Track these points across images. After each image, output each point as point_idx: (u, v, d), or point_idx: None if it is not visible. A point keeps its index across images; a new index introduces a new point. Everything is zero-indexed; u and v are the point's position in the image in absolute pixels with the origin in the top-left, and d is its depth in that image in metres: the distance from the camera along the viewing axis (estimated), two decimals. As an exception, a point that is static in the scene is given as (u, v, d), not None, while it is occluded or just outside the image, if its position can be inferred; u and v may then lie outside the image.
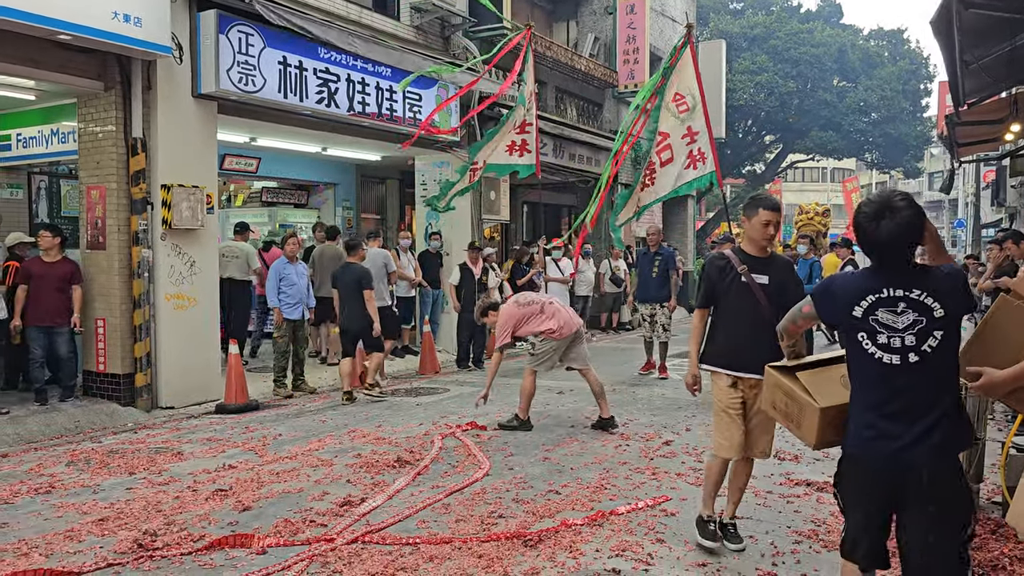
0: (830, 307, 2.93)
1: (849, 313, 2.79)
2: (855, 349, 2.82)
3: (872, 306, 2.75)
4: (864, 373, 2.81)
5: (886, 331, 2.73)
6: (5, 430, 6.99)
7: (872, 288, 2.77)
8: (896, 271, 2.76)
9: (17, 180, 9.94)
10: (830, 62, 28.95)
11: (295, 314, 9.11)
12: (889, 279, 2.75)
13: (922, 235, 2.76)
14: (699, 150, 7.72)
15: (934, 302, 2.70)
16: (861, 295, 2.78)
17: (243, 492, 5.38)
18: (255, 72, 8.85)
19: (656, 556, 4.29)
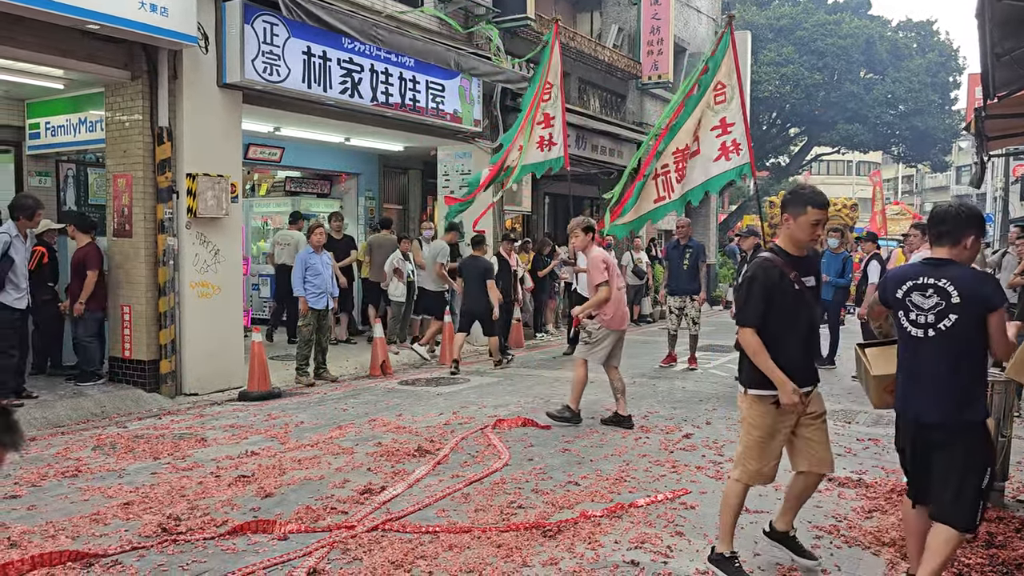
0: (884, 292, 3.65)
1: (894, 295, 3.53)
2: (897, 324, 3.55)
3: (909, 290, 3.48)
4: (902, 344, 3.56)
5: (915, 310, 3.45)
6: (33, 414, 7.11)
7: (911, 275, 3.50)
8: (933, 264, 3.47)
9: (46, 168, 10.05)
10: (857, 54, 28.61)
11: (320, 303, 9.18)
12: (924, 269, 3.47)
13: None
14: (733, 141, 7.69)
15: (954, 289, 3.34)
16: (903, 281, 3.52)
17: (265, 479, 5.44)
18: (279, 62, 8.89)
19: (675, 549, 4.28)
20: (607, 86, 17.89)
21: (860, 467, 5.96)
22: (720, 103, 7.76)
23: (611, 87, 18.06)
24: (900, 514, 4.77)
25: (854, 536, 4.51)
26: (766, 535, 4.22)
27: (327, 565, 3.98)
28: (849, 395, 8.94)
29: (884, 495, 5.20)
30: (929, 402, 3.42)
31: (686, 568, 4.03)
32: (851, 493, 5.32)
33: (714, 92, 7.80)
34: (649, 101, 19.50)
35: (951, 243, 3.48)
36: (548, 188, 17.74)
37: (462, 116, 11.84)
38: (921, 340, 3.44)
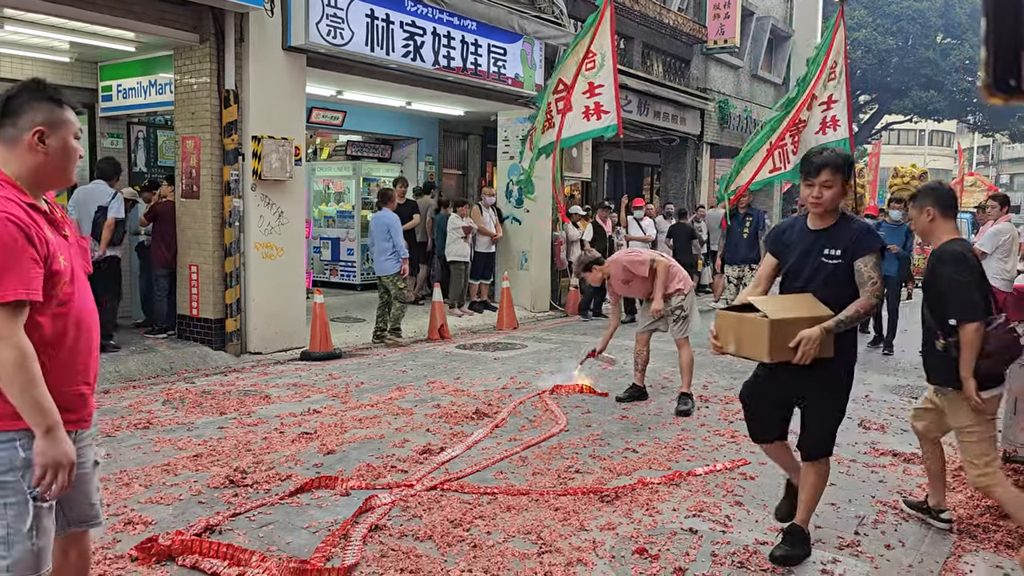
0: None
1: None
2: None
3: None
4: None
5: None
6: (106, 368, 7.37)
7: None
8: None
9: (117, 130, 10.32)
10: (935, 17, 27.47)
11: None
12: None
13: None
14: (833, 117, 8.37)
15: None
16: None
17: (327, 436, 5.56)
18: (343, 25, 8.92)
19: (734, 519, 4.25)
20: (671, 50, 17.52)
21: (927, 443, 5.81)
22: (831, 80, 8.35)
23: (675, 52, 17.68)
24: (969, 492, 4.66)
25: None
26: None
27: (388, 521, 4.06)
28: (915, 370, 8.70)
29: (951, 472, 5.06)
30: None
31: (745, 538, 4.00)
32: (917, 469, 5.19)
33: (830, 70, 8.43)
34: (714, 66, 19.05)
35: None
36: (608, 155, 17.54)
37: (523, 80, 11.74)
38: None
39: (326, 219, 14.24)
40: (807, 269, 3.59)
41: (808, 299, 3.54)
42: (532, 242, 12.61)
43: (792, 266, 3.67)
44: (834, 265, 3.52)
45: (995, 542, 4.02)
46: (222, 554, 3.53)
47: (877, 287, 3.44)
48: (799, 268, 3.63)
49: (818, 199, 3.53)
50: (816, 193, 3.52)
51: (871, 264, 3.45)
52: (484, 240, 11.89)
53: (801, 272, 3.62)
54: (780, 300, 3.58)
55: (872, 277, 3.44)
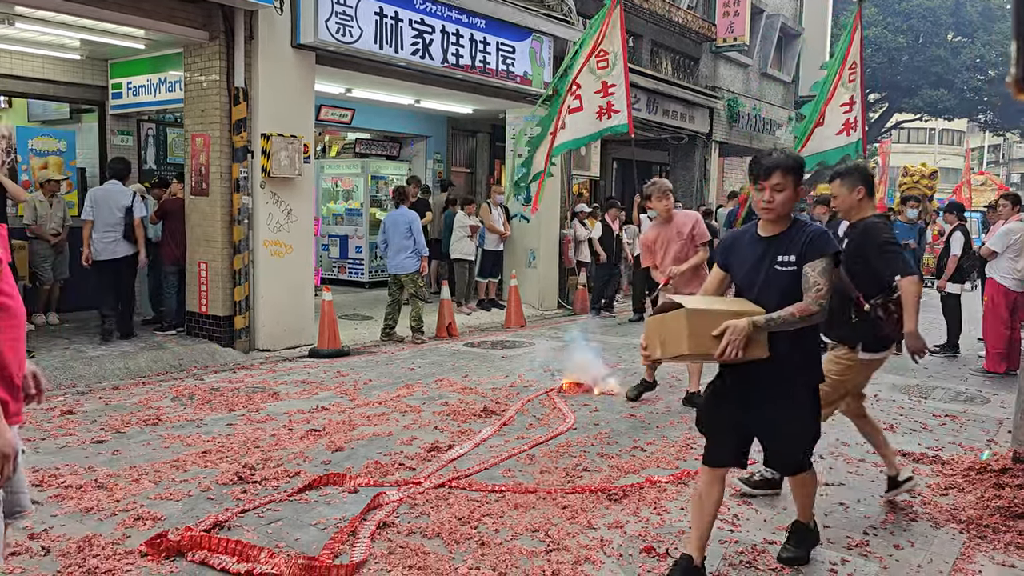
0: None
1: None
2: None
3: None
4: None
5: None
6: (116, 364, 7.40)
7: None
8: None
9: (127, 127, 10.37)
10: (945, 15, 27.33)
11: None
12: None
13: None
14: (854, 119, 8.38)
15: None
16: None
17: (335, 433, 5.57)
18: (352, 23, 8.92)
19: (742, 518, 4.24)
20: (680, 49, 17.48)
21: (936, 443, 5.80)
22: (852, 81, 8.37)
23: (684, 50, 17.64)
24: (978, 492, 4.64)
25: (929, 513, 4.40)
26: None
27: (396, 519, 4.07)
28: (925, 370, 8.68)
29: (961, 472, 5.04)
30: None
31: (754, 537, 3.99)
32: (926, 469, 5.17)
33: (849, 71, 8.47)
34: (723, 65, 18.99)
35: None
36: (616, 153, 17.51)
37: (532, 78, 11.72)
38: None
39: (334, 217, 14.27)
40: (760, 279, 3.32)
41: (739, 300, 3.34)
42: (540, 240, 12.61)
43: (744, 278, 3.40)
44: (789, 273, 3.26)
45: (1005, 542, 4.00)
46: (231, 550, 3.55)
47: (821, 293, 3.18)
48: (751, 279, 3.36)
49: (769, 203, 3.28)
50: (767, 197, 3.27)
51: (819, 269, 3.20)
52: (492, 238, 11.89)
53: (754, 283, 3.35)
54: (706, 297, 3.44)
55: (818, 283, 3.19)
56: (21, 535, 3.74)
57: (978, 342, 9.86)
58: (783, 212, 3.29)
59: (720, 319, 3.12)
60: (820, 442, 5.58)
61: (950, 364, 9.17)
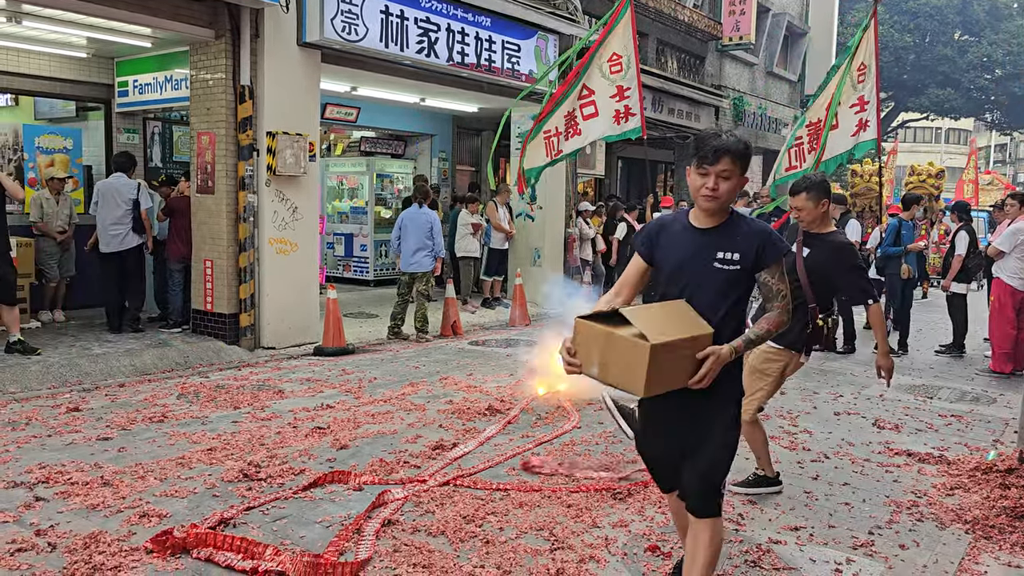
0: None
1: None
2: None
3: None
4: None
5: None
6: (122, 362, 7.42)
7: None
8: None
9: (133, 125, 10.38)
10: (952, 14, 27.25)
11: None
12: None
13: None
14: (866, 120, 8.26)
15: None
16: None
17: (340, 431, 5.58)
18: (358, 21, 8.93)
19: (747, 517, 4.24)
20: (686, 47, 17.46)
21: (942, 443, 5.78)
22: (861, 82, 8.33)
23: (690, 48, 17.62)
24: (984, 493, 4.63)
25: (934, 513, 4.39)
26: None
27: (401, 517, 4.07)
28: (931, 370, 8.67)
29: (967, 473, 5.03)
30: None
31: (758, 536, 3.98)
32: (932, 469, 5.16)
33: (857, 71, 8.35)
34: (729, 63, 18.96)
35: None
36: (621, 152, 17.49)
37: (537, 77, 11.71)
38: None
39: (339, 215, 14.28)
40: (691, 276, 2.89)
41: (680, 308, 2.85)
42: (545, 239, 12.61)
43: (671, 272, 2.95)
44: (730, 272, 2.86)
45: (1011, 543, 3.99)
46: (236, 547, 3.55)
47: (787, 301, 2.90)
48: (678, 274, 2.92)
49: (713, 191, 2.83)
50: (711, 184, 2.82)
51: (778, 275, 2.90)
52: (498, 236, 11.90)
53: (683, 280, 2.91)
54: (651, 313, 2.80)
55: (782, 290, 2.89)
56: (27, 531, 3.76)
57: (984, 342, 9.84)
58: (727, 202, 2.89)
59: (680, 353, 2.68)
60: (824, 442, 5.64)
61: (956, 364, 9.14)
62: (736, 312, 2.89)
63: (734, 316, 2.89)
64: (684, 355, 2.69)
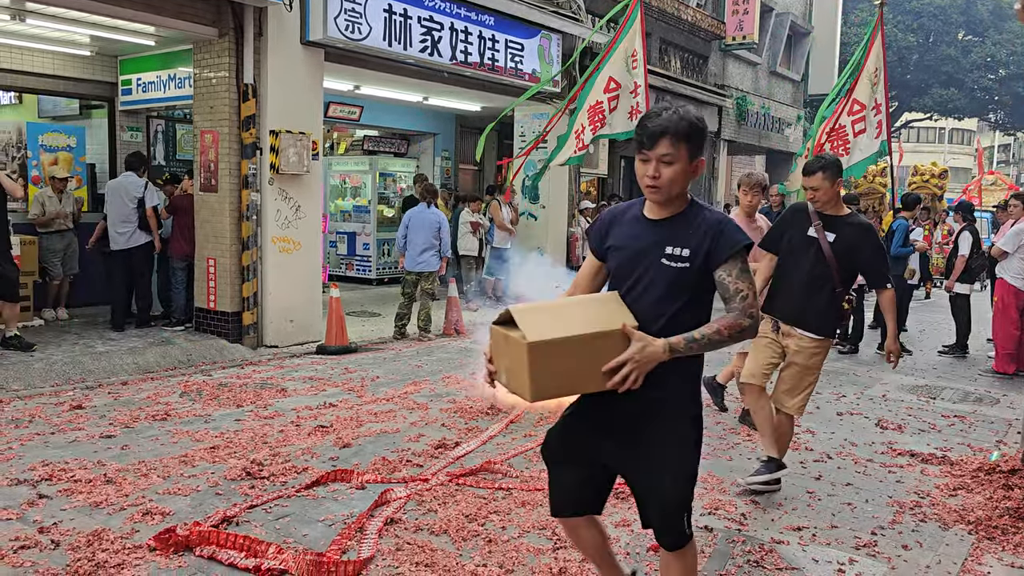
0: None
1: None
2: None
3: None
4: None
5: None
6: (125, 360, 7.43)
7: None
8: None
9: (137, 123, 10.40)
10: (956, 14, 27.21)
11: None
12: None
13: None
14: (880, 122, 8.34)
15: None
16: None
17: (343, 429, 5.58)
18: (361, 20, 8.93)
19: (750, 517, 4.24)
20: (689, 47, 17.44)
21: (945, 444, 5.78)
22: (875, 84, 8.38)
23: (693, 48, 17.60)
24: (987, 493, 4.62)
25: (937, 514, 4.38)
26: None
27: (403, 515, 4.07)
28: (934, 370, 8.66)
29: (970, 473, 5.03)
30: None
31: (760, 536, 3.98)
32: (935, 470, 5.16)
33: (873, 74, 8.41)
34: (732, 63, 18.95)
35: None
36: (624, 151, 17.48)
37: (540, 76, 11.72)
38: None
39: (342, 213, 14.29)
40: (640, 273, 2.52)
41: (601, 303, 2.52)
42: (548, 238, 12.61)
43: (619, 268, 2.59)
44: (678, 271, 2.47)
45: (1014, 544, 3.98)
46: (239, 545, 3.55)
47: (749, 302, 2.45)
48: (628, 271, 2.55)
49: (655, 179, 2.46)
50: (652, 171, 2.46)
51: (736, 272, 2.46)
52: (501, 235, 11.90)
53: (630, 277, 2.54)
54: (554, 308, 2.53)
55: (741, 289, 2.45)
56: (31, 529, 3.77)
57: (987, 343, 9.82)
58: (675, 191, 2.49)
59: (580, 350, 2.35)
60: (827, 442, 5.63)
61: (959, 364, 9.13)
62: (686, 318, 2.46)
63: (683, 322, 2.45)
64: (588, 354, 2.34)
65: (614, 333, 2.37)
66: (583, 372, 2.36)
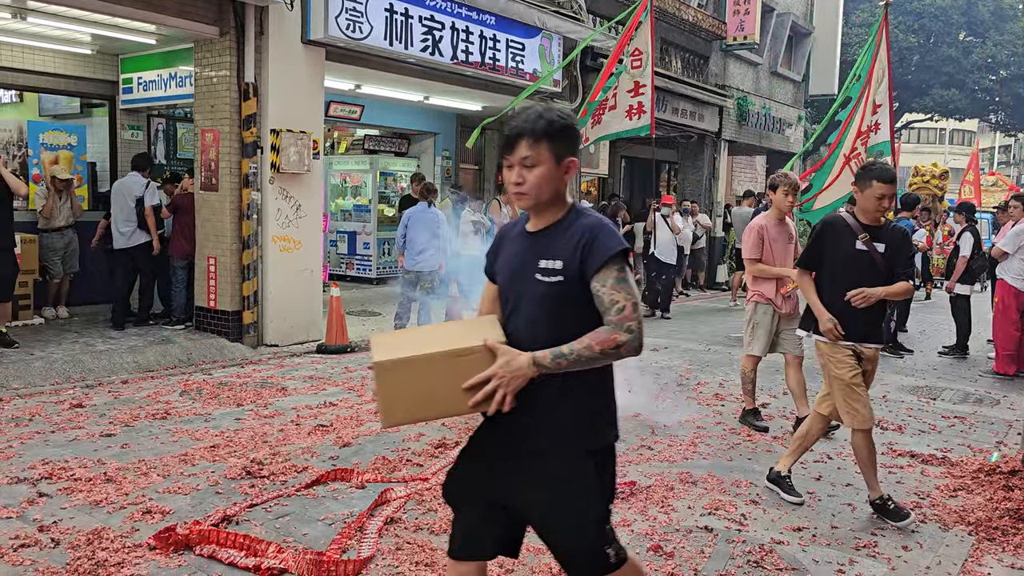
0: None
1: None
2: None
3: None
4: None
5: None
6: (125, 358, 7.43)
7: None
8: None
9: (137, 122, 10.39)
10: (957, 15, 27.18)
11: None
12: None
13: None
14: (877, 122, 8.38)
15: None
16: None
17: (343, 428, 5.58)
18: (362, 19, 8.93)
19: (750, 517, 4.23)
20: (690, 47, 17.43)
21: (945, 445, 5.77)
22: (880, 84, 8.42)
23: (694, 48, 17.59)
24: (988, 494, 4.62)
25: (937, 514, 4.38)
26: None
27: (403, 515, 4.07)
28: (934, 371, 8.66)
29: (970, 474, 5.02)
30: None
31: (761, 536, 3.98)
32: (935, 471, 5.16)
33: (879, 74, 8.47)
34: (733, 63, 18.93)
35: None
36: (625, 151, 17.49)
37: (541, 76, 11.71)
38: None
39: (343, 213, 14.29)
40: (519, 291, 2.30)
41: (475, 325, 2.34)
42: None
43: (502, 289, 2.39)
44: (551, 285, 2.23)
45: (1014, 545, 3.98)
46: (239, 544, 3.55)
47: (627, 313, 2.15)
48: (508, 290, 2.35)
49: (519, 185, 2.26)
50: (515, 177, 2.26)
51: (612, 281, 2.18)
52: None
53: (511, 297, 2.33)
54: (426, 331, 2.47)
55: (616, 300, 2.16)
56: (31, 527, 3.76)
57: (988, 344, 9.82)
58: (544, 196, 2.27)
59: (434, 369, 2.16)
60: (827, 442, 5.63)
61: (959, 365, 9.13)
62: (570, 339, 2.16)
63: (564, 343, 2.16)
64: (447, 374, 2.15)
65: (474, 350, 2.15)
66: (443, 394, 2.16)
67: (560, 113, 2.28)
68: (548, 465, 2.25)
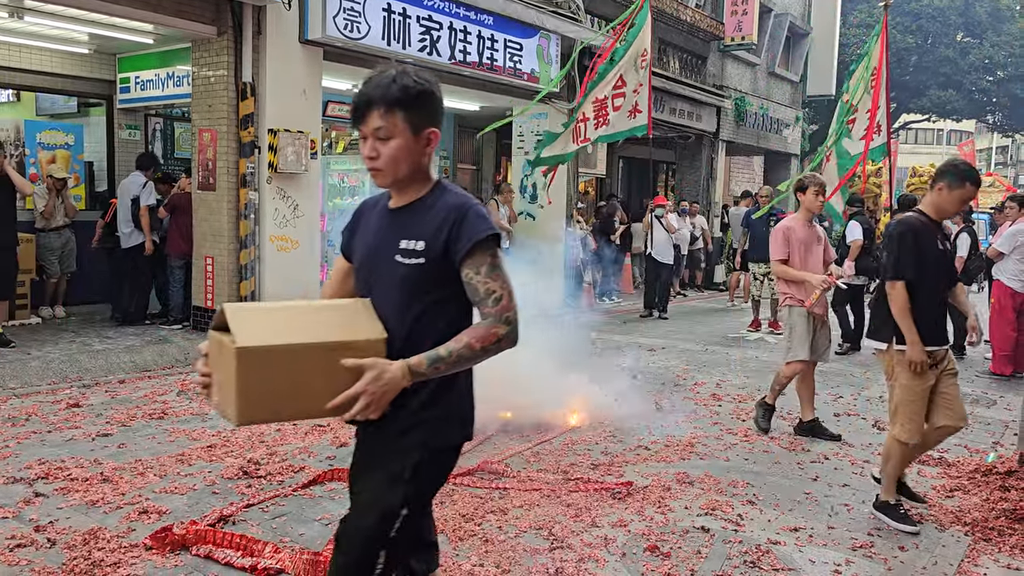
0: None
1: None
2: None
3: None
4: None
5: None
6: (122, 358, 7.42)
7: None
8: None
9: (135, 121, 10.39)
10: (955, 15, 27.20)
11: None
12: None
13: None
14: (877, 124, 8.47)
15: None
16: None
17: (340, 428, 5.57)
18: (360, 19, 8.93)
19: (746, 518, 4.24)
20: (688, 47, 17.44)
21: (942, 445, 5.76)
22: (873, 88, 8.56)
23: (692, 48, 17.59)
24: (984, 495, 4.62)
25: (934, 515, 4.39)
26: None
27: (400, 515, 4.07)
28: (931, 371, 8.65)
29: (967, 475, 5.03)
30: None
31: (757, 537, 3.98)
32: (932, 471, 5.16)
33: (872, 78, 8.56)
34: (731, 63, 18.95)
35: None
36: (623, 152, 17.49)
37: (539, 76, 11.71)
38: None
39: (340, 213, 14.27)
40: (378, 274, 2.15)
41: (349, 309, 2.13)
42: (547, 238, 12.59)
43: (359, 269, 2.24)
44: (413, 267, 2.08)
45: (1010, 545, 3.99)
46: (236, 544, 3.55)
47: (504, 303, 2.03)
48: (368, 272, 2.19)
49: (372, 160, 2.09)
50: (368, 151, 2.09)
51: (485, 269, 2.04)
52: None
53: (369, 278, 2.19)
54: (288, 309, 2.12)
55: (493, 290, 2.03)
56: (27, 527, 3.76)
57: (984, 344, 9.83)
58: (402, 172, 2.10)
59: (308, 362, 1.94)
60: (824, 442, 5.63)
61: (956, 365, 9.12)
62: (440, 325, 2.07)
63: (436, 330, 2.06)
64: (320, 370, 1.94)
65: (355, 345, 1.98)
66: (310, 391, 1.94)
67: (417, 78, 2.10)
68: (388, 451, 2.12)
